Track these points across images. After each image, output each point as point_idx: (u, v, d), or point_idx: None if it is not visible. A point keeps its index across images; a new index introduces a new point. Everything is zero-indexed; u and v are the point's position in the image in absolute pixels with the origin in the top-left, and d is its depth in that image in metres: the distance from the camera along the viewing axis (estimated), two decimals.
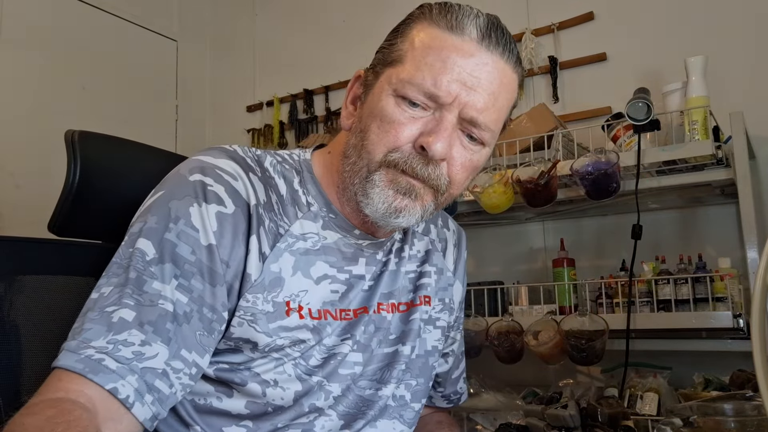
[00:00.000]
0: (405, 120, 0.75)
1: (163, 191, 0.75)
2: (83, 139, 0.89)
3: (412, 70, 0.74)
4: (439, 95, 0.73)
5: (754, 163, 1.69)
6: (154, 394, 0.66)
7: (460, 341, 1.07)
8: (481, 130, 0.76)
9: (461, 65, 0.73)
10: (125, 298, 0.68)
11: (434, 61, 0.74)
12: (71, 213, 0.88)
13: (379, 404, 0.87)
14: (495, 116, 0.77)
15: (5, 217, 2.16)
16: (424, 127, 0.75)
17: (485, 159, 0.82)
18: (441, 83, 0.73)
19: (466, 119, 0.75)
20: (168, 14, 2.86)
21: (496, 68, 0.76)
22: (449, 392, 1.07)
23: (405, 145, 0.75)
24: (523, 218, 2.03)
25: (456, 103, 0.74)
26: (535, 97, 2.14)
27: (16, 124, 2.23)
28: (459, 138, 0.77)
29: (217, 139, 2.94)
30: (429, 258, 0.95)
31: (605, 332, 1.49)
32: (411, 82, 0.74)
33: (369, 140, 0.76)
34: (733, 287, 1.47)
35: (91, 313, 0.68)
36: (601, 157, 1.53)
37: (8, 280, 0.84)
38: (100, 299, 0.69)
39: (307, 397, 0.80)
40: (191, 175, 0.74)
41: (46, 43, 2.37)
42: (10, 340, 0.83)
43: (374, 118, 0.77)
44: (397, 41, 0.78)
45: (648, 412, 1.41)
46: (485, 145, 0.79)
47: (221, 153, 0.79)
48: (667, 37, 1.92)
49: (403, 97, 0.75)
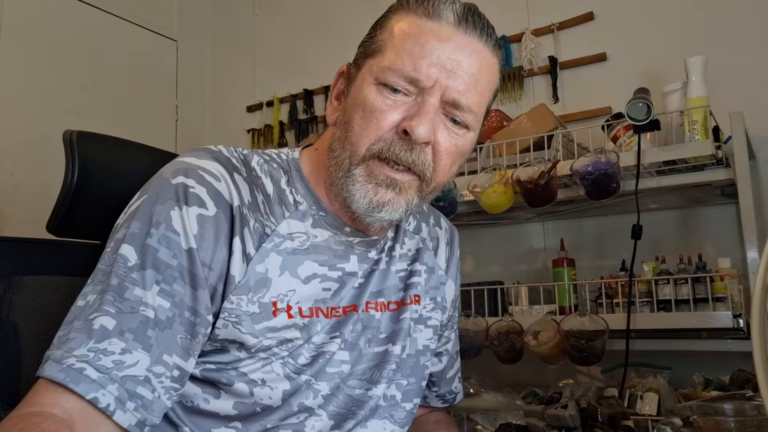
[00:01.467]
0: (387, 107, 0.75)
1: (147, 195, 0.74)
2: (81, 139, 0.89)
3: (392, 57, 0.75)
4: (420, 79, 0.74)
5: (754, 163, 1.69)
6: (137, 400, 0.66)
7: (454, 340, 1.06)
8: (463, 112, 0.76)
9: (440, 49, 0.74)
10: (106, 305, 0.68)
11: (413, 46, 0.75)
12: (69, 213, 0.88)
13: (369, 404, 0.86)
14: (477, 98, 0.77)
15: (5, 217, 2.16)
16: (407, 112, 0.75)
17: (470, 144, 0.82)
18: (421, 67, 0.74)
19: (448, 102, 0.75)
20: (168, 14, 2.86)
21: (475, 51, 0.76)
22: (444, 392, 1.06)
23: (388, 132, 0.75)
24: (523, 218, 2.03)
25: (437, 86, 0.74)
26: (535, 97, 2.14)
27: (16, 124, 2.23)
28: (443, 122, 0.77)
29: (217, 139, 2.94)
30: (419, 256, 0.94)
31: (605, 332, 1.49)
32: (391, 69, 0.75)
33: (353, 131, 0.77)
34: (733, 287, 1.47)
35: (76, 321, 0.68)
36: (601, 157, 1.53)
37: (7, 281, 0.84)
38: (85, 307, 0.69)
39: (296, 396, 0.79)
40: (174, 177, 0.74)
41: (46, 43, 2.37)
42: (9, 341, 0.83)
43: (357, 108, 0.77)
44: (377, 33, 0.80)
45: (648, 412, 1.41)
46: (469, 129, 0.79)
47: (205, 154, 0.78)
48: (667, 37, 1.92)
49: (384, 84, 0.75)
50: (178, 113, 2.86)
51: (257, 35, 2.91)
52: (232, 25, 3.00)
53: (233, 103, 2.94)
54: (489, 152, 1.83)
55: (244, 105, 2.90)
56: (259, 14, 2.93)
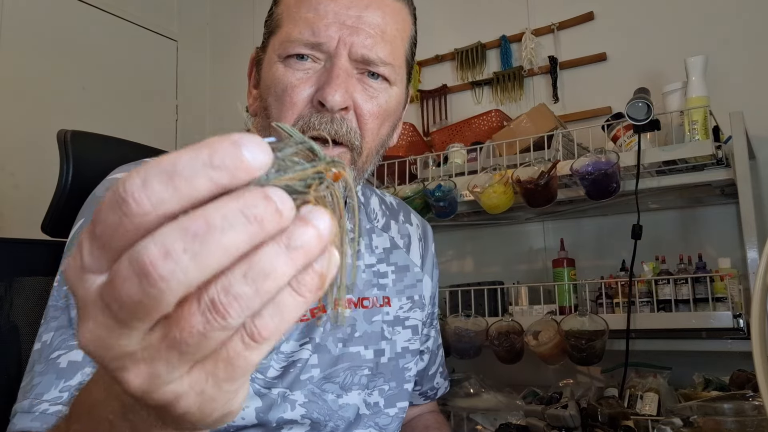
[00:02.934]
0: (297, 81, 0.72)
1: (83, 219, 0.71)
2: (76, 138, 0.89)
3: (290, 28, 0.73)
4: (321, 42, 0.71)
5: (754, 163, 1.69)
6: None
7: (435, 337, 1.03)
8: (377, 66, 0.73)
9: (335, 8, 0.71)
10: (70, 340, 0.63)
11: (307, 11, 0.72)
12: (64, 213, 0.88)
13: (349, 412, 0.82)
14: (389, 49, 0.74)
15: (5, 218, 2.16)
16: (318, 82, 0.71)
17: (396, 101, 0.77)
18: (319, 30, 0.71)
19: (357, 60, 0.72)
20: (168, 14, 2.86)
21: (372, 1, 0.73)
22: (426, 389, 1.05)
23: (305, 108, 0.71)
24: (523, 218, 2.03)
25: (341, 45, 0.71)
26: (535, 97, 2.14)
27: (16, 124, 2.23)
28: (360, 83, 0.73)
29: None
30: (387, 257, 0.91)
31: (605, 332, 1.49)
32: (290, 40, 0.72)
33: (271, 116, 0.74)
34: (733, 287, 1.47)
35: (37, 365, 0.63)
36: (601, 157, 1.53)
37: (8, 281, 0.84)
38: (43, 348, 0.64)
39: (273, 411, 0.75)
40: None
41: (46, 43, 2.37)
42: (9, 341, 0.83)
43: (269, 90, 0.74)
44: (273, 9, 0.78)
45: (648, 412, 1.41)
46: (390, 83, 0.75)
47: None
48: (667, 37, 1.92)
49: (288, 56, 0.72)
50: (178, 113, 2.86)
51: (257, 35, 2.90)
52: (232, 25, 3.00)
53: (233, 103, 2.94)
54: (489, 152, 1.83)
55: (244, 105, 2.90)
56: (259, 14, 2.92)
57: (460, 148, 1.86)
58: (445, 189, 1.71)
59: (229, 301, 0.26)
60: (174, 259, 0.25)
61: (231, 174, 0.26)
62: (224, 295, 0.26)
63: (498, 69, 2.21)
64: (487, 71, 2.24)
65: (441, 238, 1.63)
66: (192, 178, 0.25)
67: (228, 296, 0.26)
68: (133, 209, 0.25)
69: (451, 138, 1.99)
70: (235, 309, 0.26)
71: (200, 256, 0.25)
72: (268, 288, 0.27)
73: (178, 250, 0.25)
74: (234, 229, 0.25)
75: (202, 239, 0.25)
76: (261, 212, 0.26)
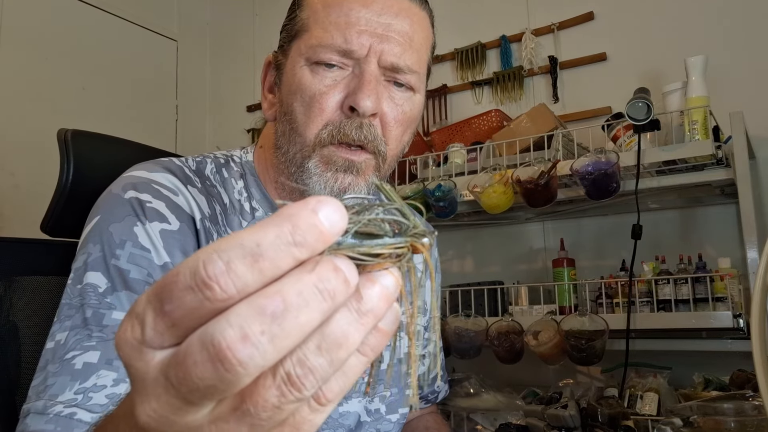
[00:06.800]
0: (326, 88, 0.71)
1: (99, 216, 0.69)
2: (76, 138, 0.89)
3: (320, 33, 0.72)
4: (353, 49, 0.70)
5: (754, 163, 1.69)
6: None
7: (435, 341, 1.03)
8: (405, 74, 0.73)
9: (366, 15, 0.71)
10: (85, 341, 0.62)
11: (338, 17, 0.71)
12: (64, 213, 0.88)
13: (350, 420, 0.81)
14: (416, 57, 0.74)
15: (5, 217, 2.16)
16: (348, 88, 0.71)
17: (419, 108, 0.78)
18: (351, 37, 0.70)
19: (387, 67, 0.72)
20: (168, 14, 2.86)
21: (402, 9, 0.73)
22: (426, 393, 1.05)
23: (334, 114, 0.71)
24: (523, 218, 2.03)
25: (372, 53, 0.71)
26: (535, 97, 2.14)
27: (17, 124, 2.23)
28: (387, 90, 0.73)
29: (217, 140, 2.94)
30: None
31: (605, 332, 1.49)
32: (321, 45, 0.71)
33: (297, 121, 0.73)
34: (733, 287, 1.47)
35: (51, 365, 0.61)
36: (601, 157, 1.53)
37: (7, 281, 0.84)
38: (57, 348, 0.63)
39: None
40: (125, 192, 0.70)
41: (46, 43, 2.37)
42: (9, 341, 0.82)
43: (294, 95, 0.73)
44: (297, 13, 0.76)
45: (648, 412, 1.41)
46: (415, 91, 0.76)
47: (155, 166, 0.74)
48: (667, 37, 1.92)
49: (317, 62, 0.71)
50: (178, 113, 2.86)
51: (257, 35, 2.91)
52: (232, 25, 3.00)
53: (233, 103, 2.94)
54: (489, 152, 1.83)
55: (244, 105, 2.90)
56: (259, 14, 2.93)
57: (460, 148, 1.86)
58: (445, 189, 1.71)
59: (305, 374, 0.26)
60: (253, 342, 0.24)
61: (312, 249, 0.26)
62: (300, 368, 0.26)
63: (498, 69, 2.21)
64: (487, 71, 2.24)
65: (441, 238, 1.63)
66: (277, 260, 0.25)
67: (304, 369, 0.26)
68: (218, 295, 0.25)
69: (451, 138, 1.99)
70: (310, 381, 0.26)
71: (278, 338, 0.25)
72: (341, 357, 0.26)
73: (256, 332, 0.24)
74: (309, 306, 0.25)
75: (281, 320, 0.25)
76: (333, 286, 0.26)
